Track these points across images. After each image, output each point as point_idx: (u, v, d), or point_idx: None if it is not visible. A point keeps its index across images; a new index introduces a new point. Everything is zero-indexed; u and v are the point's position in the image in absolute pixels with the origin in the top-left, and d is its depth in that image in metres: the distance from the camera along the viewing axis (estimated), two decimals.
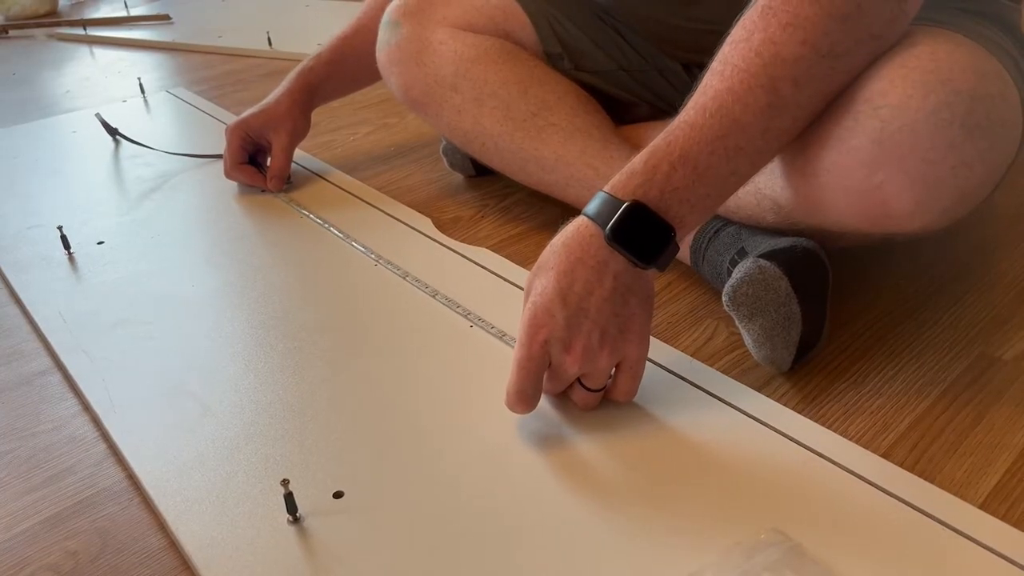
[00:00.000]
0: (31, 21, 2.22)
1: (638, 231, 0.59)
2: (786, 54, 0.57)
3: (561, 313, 0.59)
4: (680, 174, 0.58)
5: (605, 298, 0.59)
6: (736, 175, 0.60)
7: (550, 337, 0.59)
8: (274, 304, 0.83)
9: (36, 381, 0.77)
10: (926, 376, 0.68)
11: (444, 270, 0.86)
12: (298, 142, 1.09)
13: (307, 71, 1.07)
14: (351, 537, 0.56)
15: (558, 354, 0.60)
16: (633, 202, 0.58)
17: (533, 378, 0.60)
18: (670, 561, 0.52)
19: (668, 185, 0.58)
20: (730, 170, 0.59)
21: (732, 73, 0.58)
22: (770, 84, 0.57)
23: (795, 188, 0.64)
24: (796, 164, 0.64)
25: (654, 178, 0.58)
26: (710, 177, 0.59)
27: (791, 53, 0.57)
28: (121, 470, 0.65)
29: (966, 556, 0.51)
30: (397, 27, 0.93)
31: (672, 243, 0.59)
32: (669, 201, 0.58)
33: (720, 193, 0.60)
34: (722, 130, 0.58)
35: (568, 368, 0.60)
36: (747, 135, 0.58)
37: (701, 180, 0.59)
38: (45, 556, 0.58)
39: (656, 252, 0.59)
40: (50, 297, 0.88)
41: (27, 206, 1.09)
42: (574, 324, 0.59)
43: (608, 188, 0.60)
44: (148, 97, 1.51)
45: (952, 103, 0.57)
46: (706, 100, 0.59)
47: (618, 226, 0.58)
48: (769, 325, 0.65)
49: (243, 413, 0.68)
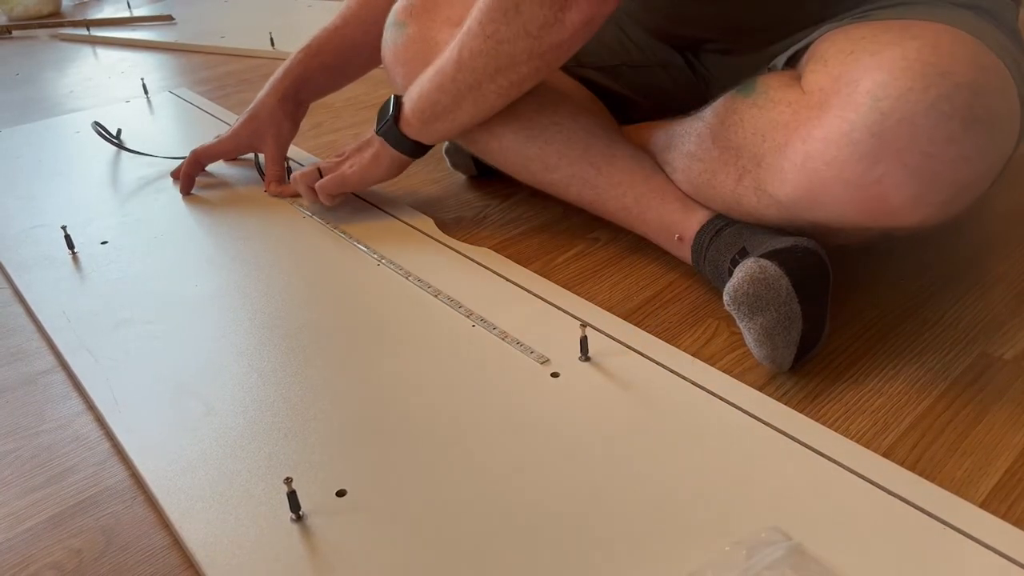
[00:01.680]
0: (34, 21, 2.23)
1: (382, 111, 0.90)
2: (470, 29, 0.77)
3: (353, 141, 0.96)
4: (415, 89, 0.86)
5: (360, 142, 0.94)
6: (439, 103, 0.83)
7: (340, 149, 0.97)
8: (277, 304, 0.83)
9: (40, 380, 0.78)
10: (927, 375, 0.68)
11: (446, 270, 0.86)
12: (287, 144, 1.09)
13: (295, 65, 1.07)
14: (354, 535, 0.56)
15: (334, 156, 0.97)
16: (394, 95, 0.89)
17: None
18: (670, 560, 0.52)
19: (409, 94, 0.87)
20: (435, 98, 0.83)
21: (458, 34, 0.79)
22: (459, 48, 0.79)
23: (796, 183, 0.65)
24: (797, 158, 0.64)
25: (409, 89, 0.87)
26: (424, 96, 0.84)
27: (471, 29, 0.77)
28: (125, 469, 0.66)
29: (967, 555, 0.51)
30: (403, 27, 0.93)
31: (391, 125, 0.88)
32: (406, 102, 0.87)
33: (432, 111, 0.85)
34: (436, 68, 0.83)
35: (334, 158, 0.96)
36: (444, 76, 0.81)
37: (420, 96, 0.85)
38: (48, 555, 0.59)
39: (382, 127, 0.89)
40: (54, 296, 0.88)
41: (30, 206, 1.10)
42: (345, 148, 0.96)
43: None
44: (151, 97, 1.51)
45: (952, 96, 0.57)
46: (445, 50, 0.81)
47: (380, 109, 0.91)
48: (770, 324, 0.65)
49: (246, 412, 0.68)
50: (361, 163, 0.92)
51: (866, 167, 0.60)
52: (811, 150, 0.63)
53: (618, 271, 0.86)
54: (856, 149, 0.60)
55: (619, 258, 0.89)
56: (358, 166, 0.92)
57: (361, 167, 0.92)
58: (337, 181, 0.93)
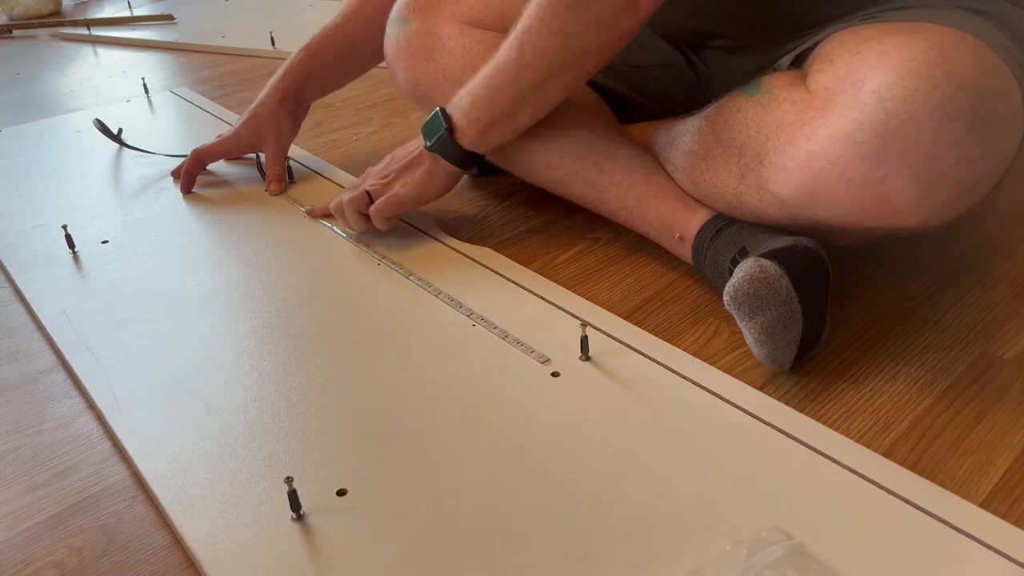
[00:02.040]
0: (35, 21, 2.23)
1: (431, 124, 0.84)
2: (530, 26, 0.74)
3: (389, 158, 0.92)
4: (465, 99, 0.82)
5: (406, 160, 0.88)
6: (498, 107, 0.80)
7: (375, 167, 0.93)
8: (277, 303, 0.83)
9: (41, 379, 0.78)
10: (927, 375, 0.68)
11: (447, 269, 0.86)
12: (288, 143, 1.10)
13: (295, 64, 1.07)
14: (354, 534, 0.56)
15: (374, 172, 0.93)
16: (439, 107, 0.84)
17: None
18: (671, 560, 0.52)
19: (458, 103, 0.82)
20: (493, 103, 0.80)
21: (509, 36, 0.77)
22: (519, 47, 0.76)
23: (799, 181, 0.65)
24: (800, 157, 0.64)
25: (455, 98, 0.83)
26: (479, 104, 0.81)
27: (533, 26, 0.74)
28: (125, 468, 0.66)
29: (967, 554, 0.51)
30: (406, 22, 0.93)
31: (447, 138, 0.83)
32: (456, 114, 0.82)
33: (490, 118, 0.81)
34: (490, 72, 0.79)
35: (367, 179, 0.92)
36: (503, 79, 0.78)
37: (474, 105, 0.81)
38: (49, 553, 0.59)
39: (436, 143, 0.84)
40: (54, 296, 0.88)
41: (31, 205, 1.10)
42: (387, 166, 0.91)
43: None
44: (151, 97, 1.51)
45: (957, 98, 0.58)
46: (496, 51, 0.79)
47: (424, 122, 0.85)
48: (770, 324, 0.65)
49: (247, 411, 0.68)
50: (414, 181, 0.87)
51: (870, 167, 0.60)
52: (815, 149, 0.63)
53: (618, 271, 0.86)
54: (860, 149, 0.60)
55: (619, 258, 0.89)
56: (411, 184, 0.87)
57: (415, 185, 0.87)
58: (392, 203, 0.87)
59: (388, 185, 0.88)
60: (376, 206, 0.87)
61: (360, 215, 0.89)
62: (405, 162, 0.88)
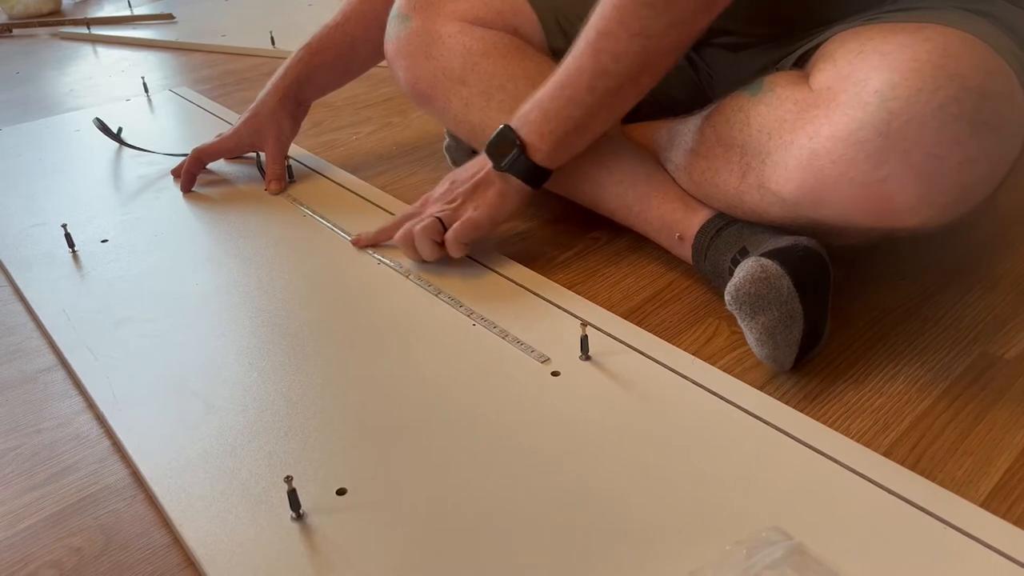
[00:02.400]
0: (35, 20, 2.22)
1: (498, 146, 0.81)
2: (608, 30, 0.72)
3: (448, 182, 0.87)
4: (534, 113, 0.79)
5: (472, 182, 0.84)
6: (572, 119, 0.77)
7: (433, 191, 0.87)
8: (277, 302, 0.83)
9: (40, 378, 0.78)
10: (927, 375, 0.68)
11: (446, 268, 0.86)
12: (288, 142, 1.10)
13: (295, 63, 1.07)
14: (354, 533, 0.56)
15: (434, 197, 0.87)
16: (503, 125, 0.80)
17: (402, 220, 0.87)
18: (670, 559, 0.52)
19: (527, 118, 0.79)
20: (567, 114, 0.77)
21: (579, 41, 0.75)
22: (595, 54, 0.73)
23: (801, 180, 0.64)
24: (802, 156, 0.64)
25: (521, 113, 0.80)
26: (551, 117, 0.78)
27: (611, 30, 0.72)
28: (125, 467, 0.66)
29: (967, 554, 0.51)
30: (406, 20, 0.93)
31: (522, 156, 0.79)
32: (524, 130, 0.79)
33: (564, 130, 0.78)
34: (562, 83, 0.76)
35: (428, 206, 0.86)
36: (577, 88, 0.75)
37: (546, 118, 0.78)
38: (48, 553, 0.59)
39: (508, 162, 0.80)
40: (54, 295, 0.88)
41: (31, 204, 1.10)
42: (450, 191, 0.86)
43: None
44: (151, 96, 1.51)
45: (961, 98, 0.58)
46: (562, 62, 0.77)
47: (489, 141, 0.81)
48: (771, 323, 0.65)
49: (246, 410, 0.68)
50: (487, 203, 0.83)
51: (872, 166, 0.60)
52: (817, 148, 0.63)
53: (618, 270, 0.86)
54: (863, 148, 0.60)
55: (619, 257, 0.89)
56: (484, 207, 0.82)
57: (489, 207, 0.82)
58: (470, 227, 0.82)
59: (459, 209, 0.83)
60: (454, 232, 0.82)
61: (434, 243, 0.83)
62: (472, 184, 0.83)
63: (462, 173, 0.86)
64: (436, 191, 0.87)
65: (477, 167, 0.84)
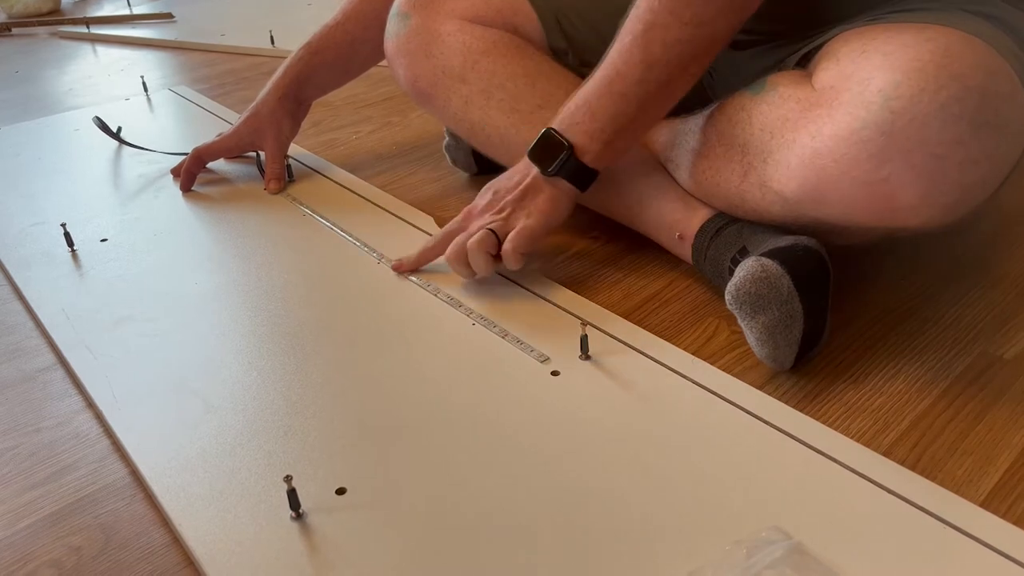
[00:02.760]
0: (34, 19, 2.22)
1: (545, 148, 0.77)
2: (657, 20, 0.71)
3: (491, 192, 0.82)
4: (580, 112, 0.76)
5: (520, 190, 0.80)
6: (622, 115, 0.75)
7: (475, 204, 0.82)
8: (277, 302, 0.83)
9: (39, 377, 0.77)
10: (927, 375, 0.68)
11: (446, 269, 0.86)
12: (288, 142, 1.10)
13: (295, 62, 1.07)
14: (354, 533, 0.56)
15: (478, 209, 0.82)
16: (545, 129, 0.77)
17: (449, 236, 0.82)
18: (670, 559, 0.52)
19: (572, 120, 0.76)
20: (617, 110, 0.74)
21: (623, 35, 0.73)
22: (645, 45, 0.72)
23: (802, 179, 0.65)
24: (805, 155, 0.64)
25: (564, 116, 0.77)
26: (600, 115, 0.75)
27: (661, 20, 0.70)
28: (124, 466, 0.66)
29: (967, 554, 0.51)
30: (406, 18, 0.93)
31: (572, 158, 0.76)
32: (571, 132, 0.76)
33: (614, 128, 0.75)
34: (609, 79, 0.74)
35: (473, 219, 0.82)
36: (626, 82, 0.73)
37: (594, 118, 0.75)
38: (48, 552, 0.58)
39: (558, 164, 0.77)
40: (53, 294, 0.88)
41: (30, 203, 1.09)
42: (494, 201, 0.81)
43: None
44: (151, 95, 1.51)
45: (963, 99, 0.58)
46: (606, 57, 0.75)
47: (532, 146, 0.78)
48: (771, 323, 0.65)
49: (246, 410, 0.68)
50: (540, 210, 0.79)
51: (874, 165, 0.60)
52: (820, 147, 0.63)
53: (618, 270, 0.86)
54: (865, 147, 0.60)
55: (619, 257, 0.89)
56: (538, 214, 0.78)
57: (542, 214, 0.78)
58: (527, 236, 0.78)
59: (510, 219, 0.79)
60: (512, 243, 0.77)
61: (489, 257, 0.78)
62: (519, 192, 0.79)
63: (504, 183, 0.82)
64: (478, 203, 0.82)
65: (520, 175, 0.80)
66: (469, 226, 0.81)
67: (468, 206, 0.83)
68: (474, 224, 0.81)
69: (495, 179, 0.83)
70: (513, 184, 0.80)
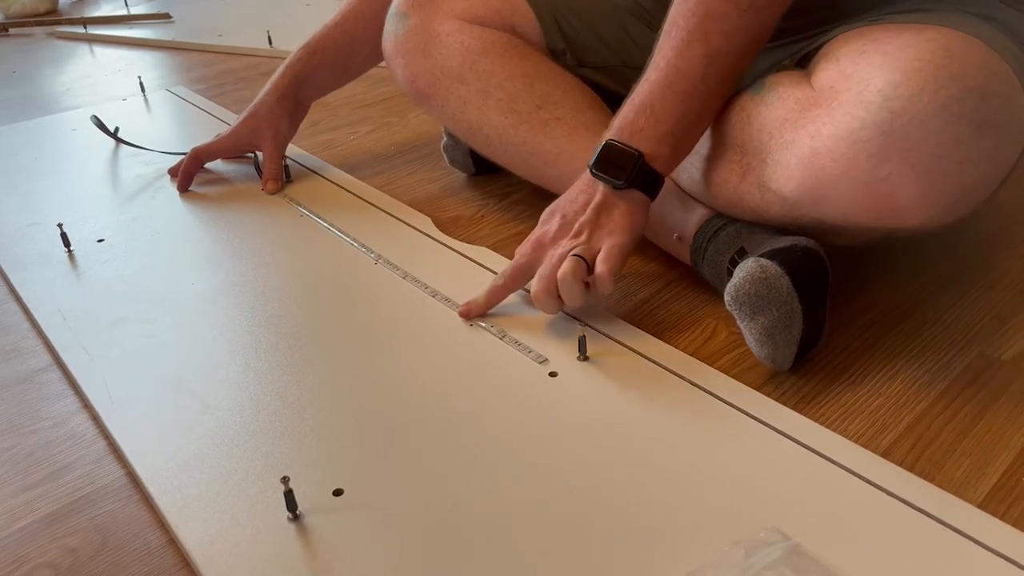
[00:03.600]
0: (31, 19, 2.22)
1: (611, 162, 0.73)
2: (714, 11, 0.68)
3: (557, 217, 0.76)
4: (642, 119, 0.72)
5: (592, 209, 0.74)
6: (688, 114, 0.72)
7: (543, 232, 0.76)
8: (274, 302, 0.83)
9: (36, 378, 0.77)
10: (925, 376, 0.68)
11: (444, 269, 0.86)
12: (286, 142, 1.10)
13: (294, 63, 1.08)
14: (351, 534, 0.56)
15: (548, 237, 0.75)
16: (607, 141, 0.73)
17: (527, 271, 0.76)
18: (669, 559, 0.52)
19: (634, 127, 0.72)
20: (683, 110, 0.71)
21: (676, 32, 0.71)
22: (704, 37, 0.69)
23: (802, 179, 0.64)
24: (804, 155, 0.64)
25: (622, 125, 0.73)
26: (665, 118, 0.71)
27: (718, 10, 0.68)
28: (120, 467, 0.65)
29: (965, 555, 0.51)
30: (405, 18, 0.93)
31: (643, 166, 0.72)
32: (636, 139, 0.72)
33: (681, 129, 0.72)
34: (669, 79, 0.71)
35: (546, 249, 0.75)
36: (689, 81, 0.70)
37: (659, 121, 0.71)
38: (43, 553, 0.58)
39: (630, 175, 0.72)
40: (50, 294, 0.87)
41: (27, 204, 1.09)
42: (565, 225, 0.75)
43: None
44: (148, 95, 1.51)
45: (963, 99, 0.58)
46: (658, 57, 0.72)
47: (596, 161, 0.73)
48: (771, 324, 0.65)
49: (242, 411, 0.68)
50: (621, 226, 0.73)
51: (874, 165, 0.60)
52: (819, 147, 0.63)
53: None
54: (865, 147, 0.60)
55: None
56: (620, 230, 0.73)
57: (624, 229, 0.73)
58: (620, 255, 0.73)
59: (592, 241, 0.73)
60: (606, 264, 0.72)
61: (583, 284, 0.72)
62: (592, 211, 0.74)
63: (568, 205, 0.76)
64: (547, 232, 0.76)
65: (585, 194, 0.75)
66: (543, 257, 0.75)
67: (533, 236, 0.77)
68: (552, 253, 0.74)
69: (554, 204, 0.77)
70: (580, 205, 0.75)
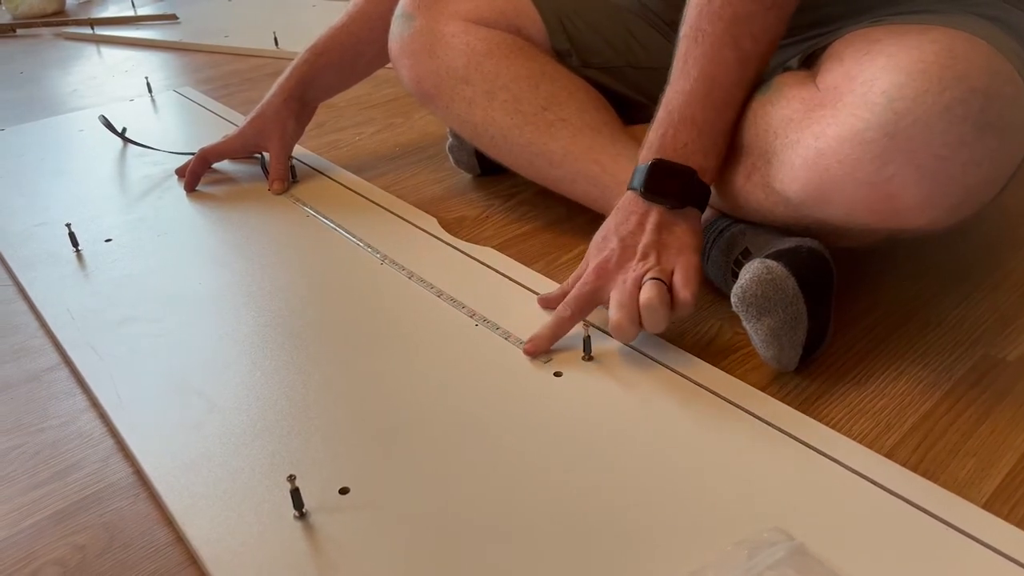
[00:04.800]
0: (38, 20, 2.23)
1: (661, 183, 0.71)
2: (741, 13, 0.68)
3: (615, 241, 0.72)
4: (684, 133, 0.71)
5: (651, 230, 0.71)
6: (727, 123, 0.71)
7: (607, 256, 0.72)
8: (280, 302, 0.83)
9: (44, 377, 0.78)
10: (930, 376, 0.68)
11: (449, 269, 0.86)
12: (293, 142, 1.10)
13: (301, 64, 1.08)
14: (357, 533, 0.56)
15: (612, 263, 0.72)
16: (654, 160, 0.71)
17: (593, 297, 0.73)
18: (672, 559, 0.52)
19: (677, 143, 0.71)
20: (724, 119, 0.71)
21: (703, 38, 0.69)
22: (734, 42, 0.69)
23: (806, 180, 0.65)
24: (808, 155, 0.64)
25: (664, 142, 0.71)
26: (708, 130, 0.71)
27: (745, 11, 0.68)
28: (128, 465, 0.66)
29: (969, 556, 0.51)
30: (411, 19, 0.94)
31: (696, 182, 0.71)
32: (682, 154, 0.71)
33: (723, 139, 0.71)
34: (706, 90, 0.70)
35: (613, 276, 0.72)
36: (726, 89, 0.70)
37: (702, 134, 0.71)
38: (52, 551, 0.59)
39: (685, 193, 0.71)
40: (58, 294, 0.88)
41: (35, 204, 1.10)
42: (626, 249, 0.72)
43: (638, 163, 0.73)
44: (155, 96, 1.51)
45: (967, 100, 0.58)
46: (688, 67, 0.71)
47: (647, 182, 0.71)
48: (776, 325, 0.65)
49: (249, 410, 0.68)
50: (684, 243, 0.71)
51: (878, 166, 0.60)
52: (823, 147, 0.63)
53: None
54: (869, 148, 0.60)
55: None
56: (685, 248, 0.71)
57: (693, 249, 0.71)
58: (695, 273, 0.71)
59: (664, 261, 0.71)
60: (689, 289, 0.69)
61: (668, 306, 0.69)
62: (652, 232, 0.71)
63: (623, 228, 0.73)
64: (609, 257, 0.72)
65: (637, 215, 0.72)
66: (611, 284, 0.72)
67: (592, 263, 0.73)
68: (624, 278, 0.71)
69: (604, 229, 0.74)
70: (635, 226, 0.72)
